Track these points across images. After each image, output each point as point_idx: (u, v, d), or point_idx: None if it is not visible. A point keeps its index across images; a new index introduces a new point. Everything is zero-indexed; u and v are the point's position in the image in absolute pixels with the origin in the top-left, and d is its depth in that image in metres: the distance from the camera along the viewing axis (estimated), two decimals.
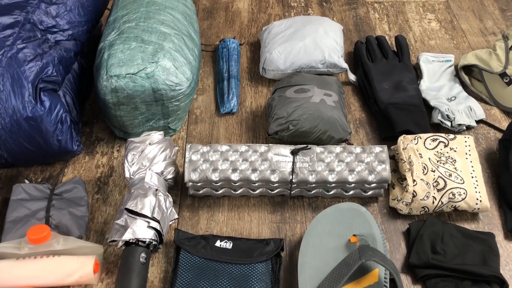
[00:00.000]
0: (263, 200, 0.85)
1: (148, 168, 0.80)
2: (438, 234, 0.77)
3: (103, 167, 0.90)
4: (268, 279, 0.72)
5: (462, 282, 0.72)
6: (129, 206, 0.74)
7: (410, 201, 0.80)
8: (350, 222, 0.75)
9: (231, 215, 0.83)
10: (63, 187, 0.82)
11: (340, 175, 0.80)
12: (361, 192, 0.83)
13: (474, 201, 0.79)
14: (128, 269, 0.71)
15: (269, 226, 0.81)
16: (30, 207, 0.78)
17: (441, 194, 0.80)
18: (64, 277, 0.72)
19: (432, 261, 0.73)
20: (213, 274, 0.72)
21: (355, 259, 0.67)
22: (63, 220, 0.77)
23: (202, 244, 0.75)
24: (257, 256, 0.74)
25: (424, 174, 0.81)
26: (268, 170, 0.80)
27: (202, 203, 0.84)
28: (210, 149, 0.82)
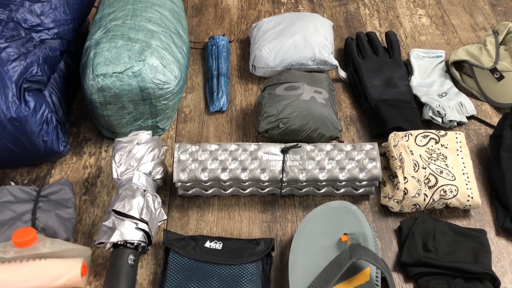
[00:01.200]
0: (254, 200, 0.84)
1: (136, 168, 0.79)
2: (429, 231, 0.76)
3: (90, 167, 0.88)
4: (259, 280, 0.71)
5: (454, 279, 0.71)
6: (116, 208, 0.73)
7: (401, 198, 0.79)
8: (341, 220, 0.74)
9: (221, 215, 0.82)
10: (50, 188, 0.80)
11: (330, 173, 0.79)
12: (352, 190, 0.83)
13: (465, 198, 0.79)
14: (116, 272, 0.69)
15: (260, 225, 0.81)
16: (16, 210, 0.77)
17: (433, 191, 0.79)
18: (51, 281, 0.71)
19: (423, 259, 0.73)
20: (203, 276, 0.71)
21: (346, 259, 0.66)
22: (50, 222, 0.76)
23: (191, 245, 0.74)
24: (247, 256, 0.73)
25: (415, 171, 0.81)
26: (258, 169, 0.79)
27: (192, 203, 0.83)
28: (199, 149, 0.81)
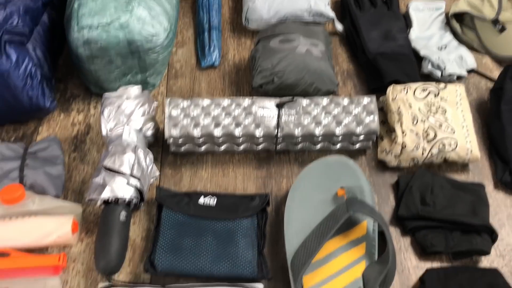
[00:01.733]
0: (248, 156, 0.82)
1: (125, 124, 0.76)
2: (427, 185, 0.75)
3: (79, 124, 0.85)
4: (254, 234, 0.70)
5: (452, 233, 0.70)
6: (106, 163, 0.70)
7: (399, 152, 0.77)
8: (338, 175, 0.73)
9: (215, 172, 0.80)
10: (37, 146, 0.78)
11: (327, 128, 0.77)
12: (348, 145, 0.81)
13: (464, 151, 0.77)
14: (108, 228, 0.68)
15: (255, 182, 0.79)
16: (2, 167, 0.74)
17: (431, 144, 0.77)
18: (42, 238, 0.69)
19: (421, 213, 0.71)
20: (197, 231, 0.69)
21: (342, 212, 0.65)
22: (38, 179, 0.73)
23: (185, 201, 0.73)
24: (242, 211, 0.71)
25: (413, 124, 0.78)
26: (252, 124, 0.77)
27: (185, 160, 0.81)
28: (190, 104, 0.78)
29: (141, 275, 0.69)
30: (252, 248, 0.68)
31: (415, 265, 0.70)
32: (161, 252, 0.66)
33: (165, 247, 0.67)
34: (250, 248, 0.68)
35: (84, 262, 0.70)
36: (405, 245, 0.72)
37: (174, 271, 0.66)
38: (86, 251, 0.71)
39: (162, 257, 0.66)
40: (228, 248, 0.67)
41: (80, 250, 0.71)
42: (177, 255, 0.66)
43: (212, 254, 0.67)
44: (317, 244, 0.63)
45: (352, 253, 0.65)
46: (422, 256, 0.71)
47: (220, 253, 0.67)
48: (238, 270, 0.66)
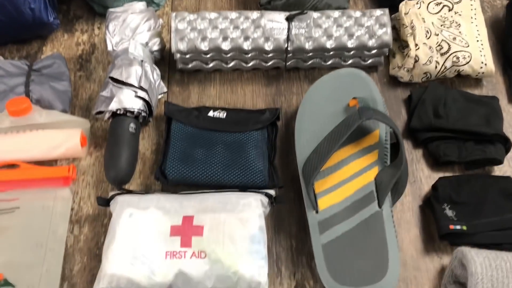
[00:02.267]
0: (257, 74, 0.80)
1: (131, 38, 0.74)
2: (440, 98, 0.73)
3: (83, 44, 0.83)
4: (264, 146, 0.69)
5: (465, 143, 0.70)
6: (113, 75, 0.69)
7: (412, 66, 0.75)
8: (349, 87, 0.71)
9: (224, 89, 0.79)
10: (42, 62, 0.76)
11: (338, 41, 0.75)
12: (360, 61, 0.79)
13: (479, 64, 0.75)
14: (117, 139, 0.67)
15: (264, 99, 0.77)
16: (7, 83, 0.73)
17: (445, 58, 0.75)
18: (50, 150, 0.69)
19: (434, 124, 0.70)
20: (208, 142, 0.68)
21: (355, 119, 0.63)
22: (44, 94, 0.72)
23: (194, 114, 0.72)
24: (252, 124, 0.70)
25: (427, 38, 0.76)
26: (261, 38, 0.75)
27: (192, 78, 0.80)
28: (197, 17, 0.75)
29: (151, 187, 0.69)
30: (263, 158, 0.67)
31: (427, 175, 0.70)
32: (171, 162, 0.66)
33: (175, 157, 0.66)
34: (261, 158, 0.67)
35: (94, 174, 0.69)
36: (417, 156, 0.71)
37: (185, 180, 0.65)
38: (95, 164, 0.70)
39: (172, 167, 0.65)
40: (239, 158, 0.67)
41: (89, 163, 0.70)
42: (188, 164, 0.66)
43: (223, 163, 0.66)
44: (329, 149, 0.62)
45: (364, 160, 0.64)
46: (434, 166, 0.70)
47: (231, 163, 0.66)
48: (250, 178, 0.65)
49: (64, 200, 0.66)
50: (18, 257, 0.61)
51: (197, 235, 0.57)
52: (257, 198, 0.62)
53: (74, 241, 0.64)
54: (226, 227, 0.58)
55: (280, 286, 0.60)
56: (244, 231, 0.58)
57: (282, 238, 0.64)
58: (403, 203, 0.67)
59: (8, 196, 0.66)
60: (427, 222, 0.66)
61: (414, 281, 0.61)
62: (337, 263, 0.57)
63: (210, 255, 0.56)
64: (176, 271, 0.55)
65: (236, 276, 0.55)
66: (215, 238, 0.57)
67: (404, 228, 0.65)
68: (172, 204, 0.61)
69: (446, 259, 0.63)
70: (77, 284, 0.60)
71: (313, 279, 0.61)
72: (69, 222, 0.65)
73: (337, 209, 0.60)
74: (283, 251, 0.63)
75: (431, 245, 0.64)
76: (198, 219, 0.59)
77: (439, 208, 0.64)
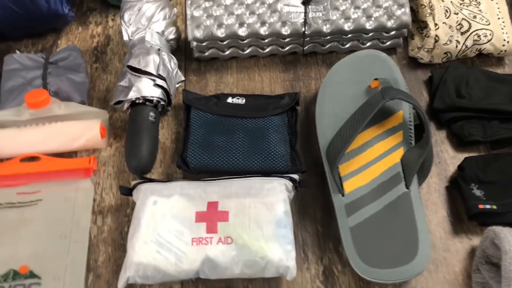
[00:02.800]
0: (274, 60, 0.79)
1: (147, 27, 0.73)
2: (462, 78, 0.72)
3: (98, 36, 0.83)
4: (285, 131, 0.68)
5: (490, 122, 0.68)
6: (131, 64, 0.69)
7: (432, 47, 0.74)
8: (370, 68, 0.70)
9: (241, 77, 0.78)
10: (58, 55, 0.76)
11: (356, 23, 0.74)
12: (378, 43, 0.78)
13: (500, 42, 0.74)
14: (137, 128, 0.67)
15: (282, 84, 0.77)
16: (25, 76, 0.73)
17: (465, 37, 0.74)
18: (70, 142, 0.68)
19: (457, 104, 0.69)
20: (228, 129, 0.68)
21: (378, 99, 0.62)
22: (62, 86, 0.72)
23: (213, 101, 0.71)
24: (271, 109, 0.70)
25: (446, 17, 0.75)
26: (278, 22, 0.74)
27: (209, 66, 0.79)
28: (213, 4, 0.75)
29: (173, 175, 0.68)
30: (284, 143, 0.66)
31: (452, 155, 0.68)
32: (192, 149, 0.65)
33: (196, 144, 0.66)
34: (282, 143, 0.66)
35: (115, 165, 0.69)
36: (441, 138, 0.70)
37: (206, 167, 0.64)
38: (115, 154, 0.70)
39: (194, 154, 0.65)
40: (260, 144, 0.66)
41: (109, 154, 0.70)
42: (209, 151, 0.65)
43: (244, 149, 0.65)
44: (353, 131, 0.61)
45: (389, 141, 0.63)
46: (459, 147, 0.69)
47: (252, 149, 0.65)
48: (272, 164, 0.64)
49: (85, 191, 0.66)
50: (43, 249, 0.61)
51: (223, 220, 0.57)
52: (281, 182, 0.61)
53: (98, 231, 0.63)
54: (251, 212, 0.57)
55: (307, 271, 0.59)
56: (269, 216, 0.57)
57: (307, 224, 0.63)
58: (429, 184, 0.66)
59: (30, 189, 0.66)
60: (454, 203, 0.64)
61: (444, 262, 0.60)
62: (366, 246, 0.56)
63: (237, 241, 0.55)
64: (203, 257, 0.55)
65: (264, 261, 0.54)
66: (240, 223, 0.56)
67: (431, 209, 0.64)
68: (196, 191, 0.60)
69: (476, 240, 0.61)
70: (103, 274, 0.60)
71: (341, 263, 0.60)
72: (92, 213, 0.64)
73: (364, 191, 0.59)
74: (309, 237, 0.62)
75: (460, 226, 0.62)
76: (223, 205, 0.58)
77: (466, 188, 0.62)
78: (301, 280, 0.59)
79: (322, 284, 0.58)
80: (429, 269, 0.59)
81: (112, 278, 0.59)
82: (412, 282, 0.58)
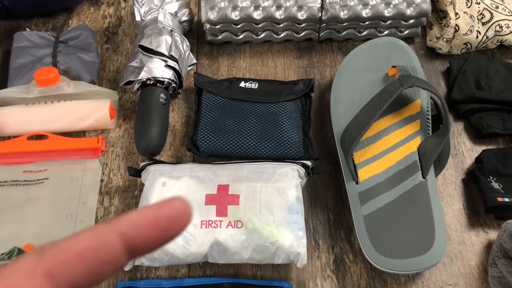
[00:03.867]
0: (288, 46, 0.78)
1: (160, 7, 0.72)
2: (482, 69, 0.70)
3: (110, 17, 0.81)
4: (298, 117, 0.66)
5: (510, 115, 0.66)
6: (143, 43, 0.67)
7: (452, 36, 0.72)
8: (387, 56, 0.68)
9: (254, 62, 0.76)
10: (69, 34, 0.74)
11: (375, 10, 0.72)
12: (396, 31, 0.76)
13: None
14: (147, 109, 0.65)
15: (296, 71, 0.75)
16: (35, 54, 0.71)
17: (487, 27, 0.72)
18: (79, 121, 0.67)
19: (476, 95, 0.67)
20: (240, 113, 0.66)
21: (396, 86, 0.60)
22: (72, 65, 0.71)
23: (225, 85, 0.69)
24: (285, 95, 0.68)
25: (467, 7, 0.73)
26: (294, 6, 0.72)
27: (222, 50, 0.77)
28: None
29: (182, 159, 0.66)
30: (297, 130, 0.65)
31: (469, 148, 0.66)
32: (203, 133, 0.64)
33: (207, 127, 0.64)
34: (295, 130, 0.65)
35: (124, 146, 0.67)
36: (459, 129, 0.68)
37: (217, 151, 0.63)
38: (124, 136, 0.68)
39: (204, 137, 0.63)
40: (272, 129, 0.64)
41: (118, 135, 0.68)
42: (220, 135, 0.63)
43: (256, 134, 0.64)
44: (369, 118, 0.59)
45: (406, 130, 0.61)
46: (477, 139, 0.67)
47: (265, 134, 0.64)
48: (284, 150, 0.63)
49: (93, 171, 0.65)
50: (48, 228, 0.59)
51: (233, 204, 0.55)
52: (294, 168, 0.59)
53: (105, 212, 0.62)
54: (262, 196, 0.55)
55: (318, 259, 0.58)
56: (281, 201, 0.55)
57: (318, 211, 0.61)
58: (445, 176, 0.64)
59: (36, 167, 0.64)
60: (470, 195, 0.62)
61: (459, 255, 0.58)
62: (379, 235, 0.54)
63: (247, 225, 0.54)
64: (212, 240, 0.53)
65: (274, 246, 0.53)
66: (251, 207, 0.55)
67: (447, 201, 0.62)
68: (206, 173, 0.58)
69: (493, 233, 0.59)
70: None
71: (353, 253, 0.58)
72: (99, 194, 0.63)
73: (379, 179, 0.58)
74: (320, 225, 0.60)
75: (476, 219, 0.61)
76: (234, 188, 0.56)
77: (484, 181, 0.60)
78: (311, 269, 0.57)
79: (333, 273, 0.57)
80: (444, 262, 0.57)
81: None
82: (426, 274, 0.56)
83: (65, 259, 0.16)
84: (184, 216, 0.17)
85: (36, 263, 0.16)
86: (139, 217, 0.17)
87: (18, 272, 0.16)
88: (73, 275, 0.16)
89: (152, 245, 0.17)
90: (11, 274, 0.16)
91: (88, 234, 0.17)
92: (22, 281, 0.15)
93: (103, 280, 0.17)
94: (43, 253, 0.16)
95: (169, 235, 0.17)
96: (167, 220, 0.17)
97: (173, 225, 0.17)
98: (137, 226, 0.17)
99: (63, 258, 0.16)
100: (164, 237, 0.17)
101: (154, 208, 0.17)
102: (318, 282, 0.56)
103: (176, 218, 0.17)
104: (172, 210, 0.17)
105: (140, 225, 0.17)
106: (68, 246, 0.16)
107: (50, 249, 0.16)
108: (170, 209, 0.17)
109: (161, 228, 0.17)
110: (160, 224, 0.17)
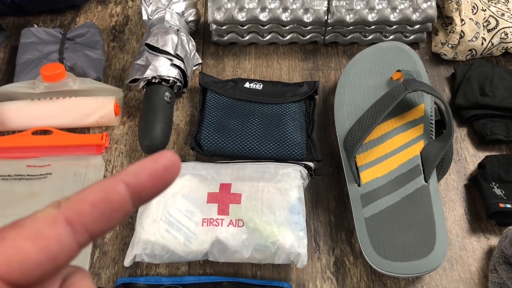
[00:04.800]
0: (293, 48, 0.78)
1: (167, 7, 0.72)
2: (486, 75, 0.70)
3: (117, 16, 0.82)
4: (302, 119, 0.67)
5: None
6: (149, 42, 0.67)
7: (457, 43, 0.72)
8: (392, 60, 0.68)
9: (259, 63, 0.76)
10: (76, 31, 0.75)
11: (381, 14, 0.72)
12: (401, 36, 0.76)
13: None
14: (152, 107, 0.65)
15: (301, 73, 0.75)
16: (41, 50, 0.72)
17: (492, 34, 0.72)
18: (84, 117, 0.67)
19: (480, 101, 0.67)
20: (243, 113, 0.66)
21: (400, 90, 0.61)
22: (78, 61, 0.71)
23: (230, 85, 0.70)
24: (289, 96, 0.68)
25: (473, 13, 0.73)
26: (300, 9, 0.72)
27: (227, 51, 0.78)
28: None
29: (185, 157, 0.67)
30: (300, 131, 0.65)
31: (472, 153, 0.66)
32: (207, 132, 0.64)
33: (211, 127, 0.64)
34: (298, 131, 0.65)
35: (127, 143, 0.68)
36: (462, 135, 0.68)
37: (220, 150, 0.63)
38: (128, 133, 0.69)
39: (208, 137, 0.63)
40: (276, 130, 0.64)
41: (122, 132, 0.69)
42: (224, 135, 0.64)
43: (259, 135, 0.64)
44: (373, 121, 0.59)
45: (409, 133, 0.61)
46: (480, 145, 0.67)
47: (268, 135, 0.64)
48: (287, 151, 0.63)
49: (96, 167, 0.65)
50: None
51: (235, 203, 0.55)
52: (296, 169, 0.59)
53: None
54: (264, 196, 0.56)
55: (318, 261, 0.58)
56: (283, 201, 0.55)
57: (320, 213, 0.61)
58: (447, 181, 0.64)
59: (40, 162, 0.65)
60: (472, 201, 0.62)
61: (460, 260, 0.58)
62: (380, 237, 0.54)
63: (248, 224, 0.54)
64: (213, 239, 0.53)
65: (275, 246, 0.53)
66: (253, 206, 0.55)
67: (449, 207, 0.62)
68: (208, 172, 0.59)
69: (494, 239, 0.59)
70: (109, 251, 0.59)
71: (353, 255, 0.58)
72: None
73: (381, 182, 0.58)
74: (321, 226, 0.60)
75: (478, 225, 0.61)
76: (236, 187, 0.56)
77: (487, 187, 0.60)
78: (311, 270, 0.57)
79: (333, 275, 0.56)
80: (444, 267, 0.57)
81: (119, 256, 0.58)
82: (426, 279, 0.56)
83: (81, 209, 0.18)
84: (176, 165, 0.20)
85: (57, 212, 0.18)
86: (140, 168, 0.19)
87: (41, 221, 0.18)
88: (89, 222, 0.18)
89: (153, 192, 0.20)
90: (33, 222, 0.18)
91: (98, 186, 0.19)
92: (46, 228, 0.18)
93: (114, 227, 0.19)
94: (61, 205, 0.18)
95: (166, 182, 0.20)
96: (163, 168, 0.19)
97: (168, 172, 0.20)
98: (139, 175, 0.19)
99: (79, 208, 0.18)
100: (162, 184, 0.20)
101: (151, 160, 0.20)
102: (318, 284, 0.56)
103: (170, 166, 0.20)
104: (166, 160, 0.20)
105: (142, 174, 0.19)
106: (82, 198, 0.19)
107: (67, 201, 0.18)
108: (164, 159, 0.20)
109: (159, 175, 0.19)
110: (158, 172, 0.19)
